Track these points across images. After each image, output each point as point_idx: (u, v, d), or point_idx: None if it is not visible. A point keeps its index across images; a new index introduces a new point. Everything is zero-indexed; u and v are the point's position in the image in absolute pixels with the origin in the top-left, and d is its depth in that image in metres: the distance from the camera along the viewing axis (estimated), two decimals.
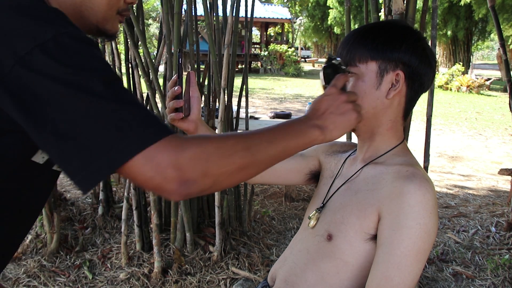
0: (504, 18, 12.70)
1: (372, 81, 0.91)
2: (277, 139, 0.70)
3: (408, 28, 0.95)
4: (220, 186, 0.65)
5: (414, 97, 0.95)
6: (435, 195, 0.86)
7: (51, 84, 0.57)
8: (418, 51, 0.92)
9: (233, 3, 2.48)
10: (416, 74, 0.92)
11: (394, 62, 0.90)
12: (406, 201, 0.84)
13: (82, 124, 0.57)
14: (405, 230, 0.83)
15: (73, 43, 0.61)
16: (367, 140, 0.98)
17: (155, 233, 2.35)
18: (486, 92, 13.31)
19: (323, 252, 0.94)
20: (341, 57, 0.94)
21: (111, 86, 0.60)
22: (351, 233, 0.90)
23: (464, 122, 8.60)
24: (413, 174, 0.87)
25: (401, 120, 0.97)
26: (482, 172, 5.08)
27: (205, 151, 0.62)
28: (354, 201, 0.93)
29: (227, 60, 2.36)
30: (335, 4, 18.59)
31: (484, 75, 15.69)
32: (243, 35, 2.93)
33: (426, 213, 0.83)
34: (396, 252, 0.83)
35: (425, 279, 2.39)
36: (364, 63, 0.91)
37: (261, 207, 3.43)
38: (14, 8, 0.62)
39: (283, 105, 9.99)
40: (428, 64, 0.93)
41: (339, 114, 0.78)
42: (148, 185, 0.60)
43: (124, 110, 0.60)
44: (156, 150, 0.58)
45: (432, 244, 0.86)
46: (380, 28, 0.96)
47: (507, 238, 2.83)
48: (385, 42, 0.91)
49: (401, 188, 0.86)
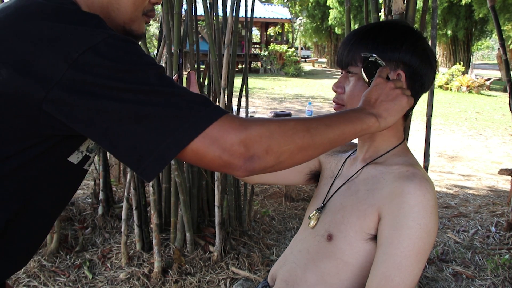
0: (505, 18, 12.69)
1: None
2: (335, 124, 0.73)
3: (409, 28, 0.95)
4: (282, 165, 0.68)
5: (415, 98, 0.95)
6: (435, 195, 0.86)
7: (108, 81, 0.60)
8: (418, 51, 0.92)
9: (233, 3, 2.48)
10: (417, 75, 0.92)
11: (395, 62, 0.90)
12: (407, 201, 0.84)
13: (144, 113, 0.60)
14: (405, 230, 0.83)
15: (121, 43, 0.64)
16: (367, 140, 0.98)
17: (155, 233, 2.35)
18: (486, 92, 13.31)
19: (323, 252, 0.94)
20: (342, 57, 0.95)
21: (163, 76, 0.64)
22: (351, 233, 0.90)
23: (464, 122, 8.60)
24: (414, 174, 0.87)
25: (401, 120, 0.97)
26: (482, 172, 5.08)
27: (269, 129, 0.65)
28: (354, 201, 0.93)
29: (227, 60, 2.36)
30: (335, 4, 18.59)
31: (484, 75, 15.69)
32: (243, 35, 2.93)
33: (426, 213, 0.83)
34: (396, 252, 0.83)
35: (425, 279, 2.39)
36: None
37: (261, 207, 3.43)
38: (53, 17, 0.65)
39: (283, 105, 9.99)
40: (429, 64, 0.93)
41: (390, 100, 0.81)
42: (215, 163, 0.63)
43: (179, 96, 0.63)
44: (220, 129, 0.62)
45: (432, 244, 0.86)
46: (381, 28, 0.96)
47: (507, 238, 2.83)
48: (385, 42, 0.91)
49: (401, 188, 0.86)
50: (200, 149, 0.61)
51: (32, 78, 0.61)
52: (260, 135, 0.63)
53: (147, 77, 0.63)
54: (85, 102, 0.60)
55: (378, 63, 0.89)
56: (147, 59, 0.66)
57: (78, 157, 0.76)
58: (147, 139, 0.60)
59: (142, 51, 0.67)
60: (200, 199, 2.70)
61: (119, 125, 0.61)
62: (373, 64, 0.89)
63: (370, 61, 0.89)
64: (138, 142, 0.61)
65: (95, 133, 0.63)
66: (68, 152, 0.75)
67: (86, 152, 0.78)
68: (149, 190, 2.47)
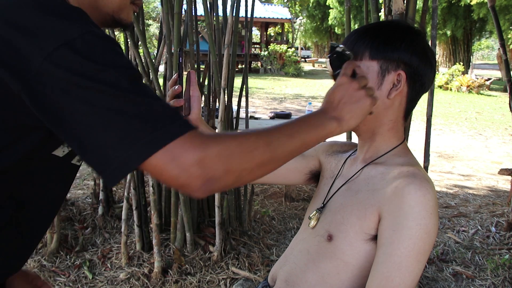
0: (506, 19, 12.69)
1: (374, 80, 0.90)
2: (297, 133, 0.72)
3: (409, 27, 0.95)
4: (242, 182, 0.67)
5: (415, 98, 0.95)
6: (435, 196, 0.86)
7: (79, 79, 0.59)
8: (419, 51, 0.91)
9: (233, 3, 2.48)
10: (417, 75, 0.92)
11: (396, 62, 0.90)
12: (407, 201, 0.84)
13: (109, 118, 0.59)
14: (405, 231, 0.83)
15: (99, 41, 0.63)
16: (368, 140, 0.98)
17: (155, 233, 2.35)
18: (486, 92, 13.31)
19: (323, 252, 0.94)
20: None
21: (135, 82, 0.63)
22: (352, 233, 0.90)
23: (464, 122, 8.60)
24: (414, 175, 0.87)
25: (402, 120, 0.97)
26: (482, 172, 5.08)
27: (228, 148, 0.63)
28: (355, 202, 0.93)
29: (227, 60, 2.36)
30: (335, 4, 18.59)
31: (484, 75, 15.68)
32: (243, 35, 2.93)
33: (426, 213, 0.83)
34: (397, 252, 0.83)
35: (425, 279, 2.39)
36: (365, 61, 0.90)
37: (261, 207, 3.43)
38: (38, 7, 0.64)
39: (283, 105, 9.99)
40: (429, 65, 0.93)
41: (353, 102, 0.79)
42: (173, 182, 0.61)
43: (148, 106, 0.62)
44: (181, 147, 0.60)
45: (433, 245, 0.86)
46: (381, 27, 0.96)
47: (507, 238, 2.83)
48: (386, 41, 0.91)
49: (401, 189, 0.85)
50: (159, 165, 0.59)
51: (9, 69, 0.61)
52: (219, 155, 0.62)
53: (119, 79, 0.61)
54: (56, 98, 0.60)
55: (346, 55, 0.87)
56: (123, 61, 0.64)
57: (64, 151, 0.76)
58: (111, 145, 0.59)
59: (120, 51, 0.65)
60: (200, 199, 2.70)
61: (85, 126, 0.60)
62: (339, 55, 0.87)
63: (337, 51, 0.87)
64: (102, 147, 0.60)
65: (64, 131, 0.62)
66: (53, 146, 0.74)
67: None
68: (149, 190, 2.47)
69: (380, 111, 0.93)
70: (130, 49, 2.42)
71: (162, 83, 2.55)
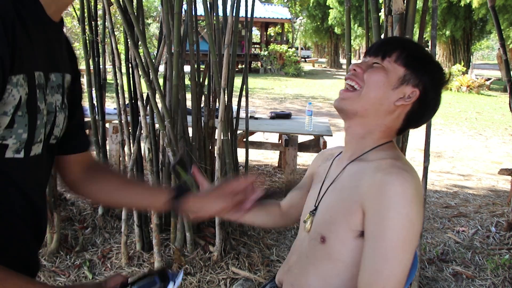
0: (504, 18, 12.69)
1: (393, 80, 0.94)
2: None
3: (441, 67, 1.01)
4: None
5: (410, 121, 0.98)
6: (416, 184, 0.86)
7: None
8: (439, 89, 0.98)
9: (233, 3, 2.48)
10: (425, 104, 0.97)
11: (418, 81, 0.94)
12: (385, 192, 0.85)
13: None
14: (387, 222, 0.84)
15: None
16: (359, 139, 0.99)
17: (155, 233, 2.35)
18: (486, 92, 13.31)
19: (320, 255, 0.95)
20: (378, 46, 0.99)
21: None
22: (341, 232, 0.91)
23: (464, 122, 8.60)
24: (392, 166, 0.89)
25: (395, 133, 1.00)
26: (482, 172, 5.07)
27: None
28: (340, 199, 0.94)
29: (227, 60, 2.36)
30: (335, 4, 18.58)
31: (484, 75, 15.68)
32: (243, 35, 2.93)
33: (406, 202, 0.83)
34: (382, 245, 0.84)
35: (425, 279, 2.39)
36: (396, 63, 0.94)
37: None
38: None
39: (283, 105, 9.99)
40: (436, 105, 0.99)
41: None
42: None
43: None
44: None
45: (419, 233, 0.87)
46: (424, 50, 1.04)
47: (507, 238, 2.83)
48: (424, 61, 0.97)
49: (379, 181, 0.87)
50: None
51: None
52: None
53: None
54: None
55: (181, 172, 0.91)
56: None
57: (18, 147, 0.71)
58: None
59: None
60: None
61: None
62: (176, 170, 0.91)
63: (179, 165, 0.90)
64: None
65: None
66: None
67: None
68: None
69: (382, 111, 0.95)
70: (130, 49, 2.42)
71: (162, 83, 2.55)
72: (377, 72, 0.94)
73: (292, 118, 4.43)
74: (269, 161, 5.13)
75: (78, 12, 2.82)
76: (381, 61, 0.95)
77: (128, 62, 2.60)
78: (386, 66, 0.94)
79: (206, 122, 2.65)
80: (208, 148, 2.69)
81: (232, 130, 2.66)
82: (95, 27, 2.80)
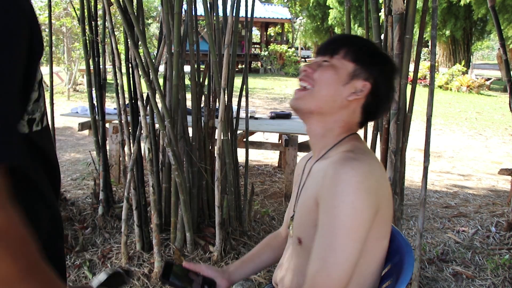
0: (504, 18, 12.69)
1: (343, 76, 0.96)
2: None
3: (390, 58, 1.05)
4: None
5: (367, 114, 1.00)
6: (365, 172, 0.86)
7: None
8: (389, 80, 1.00)
9: (233, 3, 2.48)
10: (378, 96, 0.98)
11: (368, 74, 0.96)
12: (332, 182, 0.86)
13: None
14: (332, 211, 0.85)
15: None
16: (320, 138, 1.00)
17: (155, 233, 2.35)
18: (486, 92, 13.31)
19: (302, 257, 0.97)
20: (326, 45, 1.01)
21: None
22: (311, 230, 0.92)
23: (464, 122, 8.60)
24: (343, 157, 0.90)
25: (356, 126, 1.01)
26: (482, 172, 5.07)
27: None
28: (305, 199, 0.97)
29: (227, 60, 2.36)
30: (335, 4, 18.57)
31: (484, 75, 15.68)
32: (243, 35, 2.93)
33: (351, 189, 0.84)
34: (327, 233, 0.85)
35: (425, 279, 2.39)
36: (345, 60, 0.96)
37: (261, 207, 3.43)
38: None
39: (283, 105, 9.99)
40: (390, 95, 1.01)
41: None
42: None
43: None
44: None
45: (368, 222, 0.86)
46: (371, 43, 1.08)
47: (507, 238, 2.83)
48: (372, 54, 0.99)
49: (330, 173, 0.88)
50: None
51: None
52: None
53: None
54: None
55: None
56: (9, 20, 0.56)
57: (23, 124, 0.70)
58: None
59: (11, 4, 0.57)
60: (200, 199, 2.70)
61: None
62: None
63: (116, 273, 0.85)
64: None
65: None
66: None
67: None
68: (149, 190, 2.47)
69: (336, 107, 0.97)
70: (130, 49, 2.42)
71: (162, 83, 2.55)
72: (327, 70, 0.96)
73: (292, 118, 4.43)
74: (269, 161, 5.13)
75: (78, 12, 2.82)
76: (330, 59, 0.97)
77: (128, 62, 2.60)
78: (335, 64, 0.96)
79: (206, 122, 2.65)
80: (208, 148, 2.69)
81: (232, 130, 2.66)
82: (95, 27, 2.80)
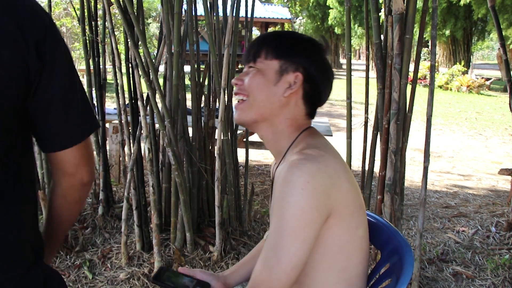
0: (504, 18, 12.69)
1: (271, 77, 0.95)
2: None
3: (314, 40, 1.02)
4: None
5: (311, 101, 0.99)
6: (314, 172, 0.85)
7: None
8: (318, 61, 0.98)
9: (233, 3, 2.48)
10: (314, 81, 0.97)
11: (295, 65, 0.95)
12: (279, 183, 0.87)
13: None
14: (277, 211, 0.85)
15: None
16: (275, 143, 1.00)
17: (155, 233, 2.35)
18: (486, 92, 13.31)
19: None
20: (247, 54, 1.00)
21: None
22: None
23: (464, 122, 8.60)
24: (293, 159, 0.90)
25: (305, 119, 1.00)
26: (482, 172, 5.08)
27: None
28: (272, 206, 0.96)
29: (227, 60, 2.36)
30: (335, 4, 18.58)
31: (484, 75, 15.68)
32: (243, 35, 2.93)
33: (295, 190, 0.83)
34: (272, 234, 0.85)
35: (425, 279, 2.39)
36: (268, 60, 0.96)
37: (261, 207, 3.43)
38: None
39: None
40: (326, 76, 1.00)
41: None
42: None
43: None
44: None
45: (315, 221, 0.85)
46: (288, 33, 1.07)
47: (507, 238, 2.83)
48: (291, 45, 0.98)
49: (281, 175, 0.88)
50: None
51: None
52: None
53: None
54: None
55: None
56: None
57: None
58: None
59: None
60: (200, 199, 2.70)
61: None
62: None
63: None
64: None
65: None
66: None
67: None
68: (149, 190, 2.47)
69: (276, 108, 0.96)
70: (130, 49, 2.42)
71: (162, 83, 2.55)
72: (254, 76, 0.96)
73: None
74: (269, 161, 5.13)
75: (78, 12, 2.82)
76: (254, 64, 0.97)
77: (128, 62, 2.60)
78: (260, 67, 0.96)
79: (206, 122, 2.65)
80: (208, 148, 2.69)
81: (232, 130, 2.66)
82: (95, 27, 2.80)
